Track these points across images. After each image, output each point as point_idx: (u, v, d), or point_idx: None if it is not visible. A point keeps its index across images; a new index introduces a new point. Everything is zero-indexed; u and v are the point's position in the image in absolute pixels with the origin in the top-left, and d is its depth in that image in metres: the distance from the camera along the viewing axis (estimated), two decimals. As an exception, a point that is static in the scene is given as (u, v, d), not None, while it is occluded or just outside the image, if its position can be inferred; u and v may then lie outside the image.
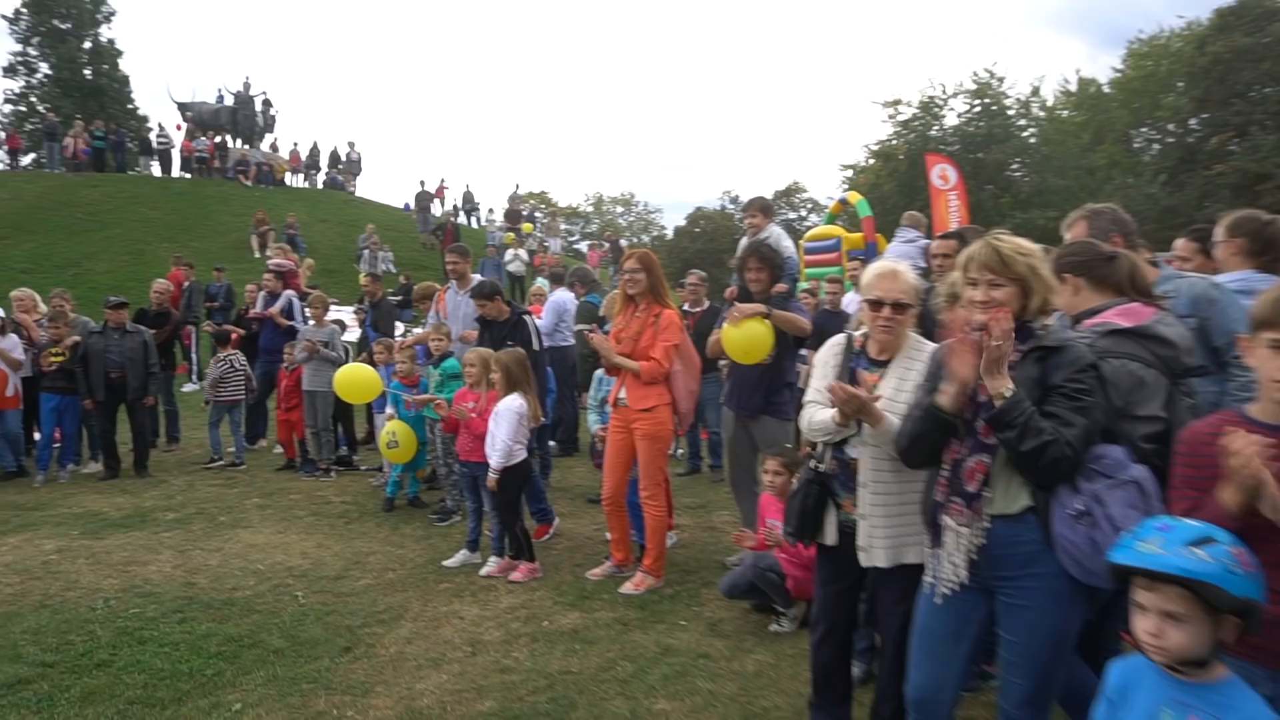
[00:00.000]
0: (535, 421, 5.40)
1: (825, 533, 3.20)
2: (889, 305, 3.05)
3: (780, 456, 4.69)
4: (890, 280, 3.10)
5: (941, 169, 19.57)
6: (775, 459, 4.68)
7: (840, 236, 16.94)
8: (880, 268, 3.17)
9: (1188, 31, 39.37)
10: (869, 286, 3.14)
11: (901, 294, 3.08)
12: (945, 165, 19.82)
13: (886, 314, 3.05)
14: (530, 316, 6.45)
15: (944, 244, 5.03)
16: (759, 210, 5.67)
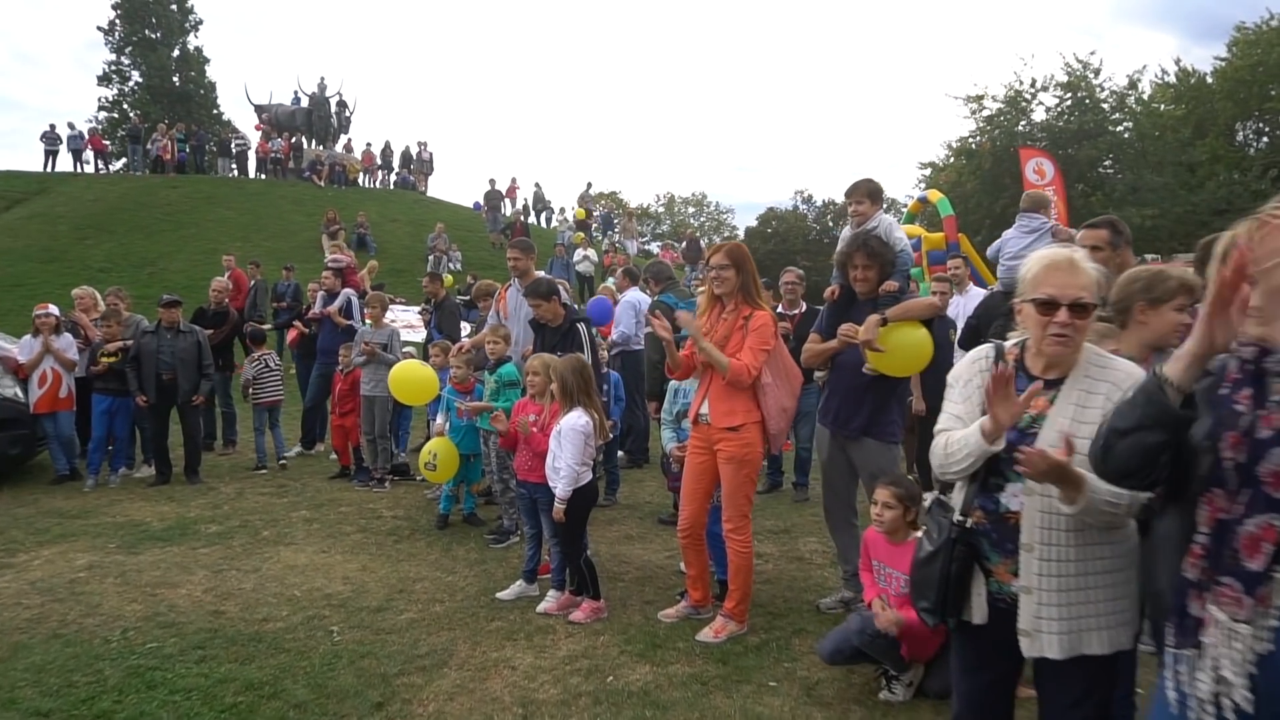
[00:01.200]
0: (604, 437, 4.72)
1: (972, 609, 2.42)
2: (1066, 307, 2.26)
3: (893, 486, 3.91)
4: (1067, 273, 2.31)
5: (1037, 163, 18.37)
6: (887, 488, 3.91)
7: (920, 236, 15.99)
8: (1051, 257, 2.37)
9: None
10: (1036, 281, 2.36)
11: (1083, 291, 2.29)
12: (1041, 159, 18.60)
13: (1062, 318, 2.27)
14: (585, 325, 5.77)
15: (1093, 234, 4.20)
16: (866, 195, 4.83)
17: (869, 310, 4.59)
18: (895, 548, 3.84)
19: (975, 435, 2.30)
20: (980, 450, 2.30)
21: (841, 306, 4.73)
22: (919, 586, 2.50)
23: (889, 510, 3.86)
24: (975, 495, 2.42)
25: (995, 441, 2.28)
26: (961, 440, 2.36)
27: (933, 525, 2.53)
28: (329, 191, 28.31)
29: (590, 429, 4.59)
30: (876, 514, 3.91)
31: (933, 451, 2.48)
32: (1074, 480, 2.12)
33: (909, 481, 3.89)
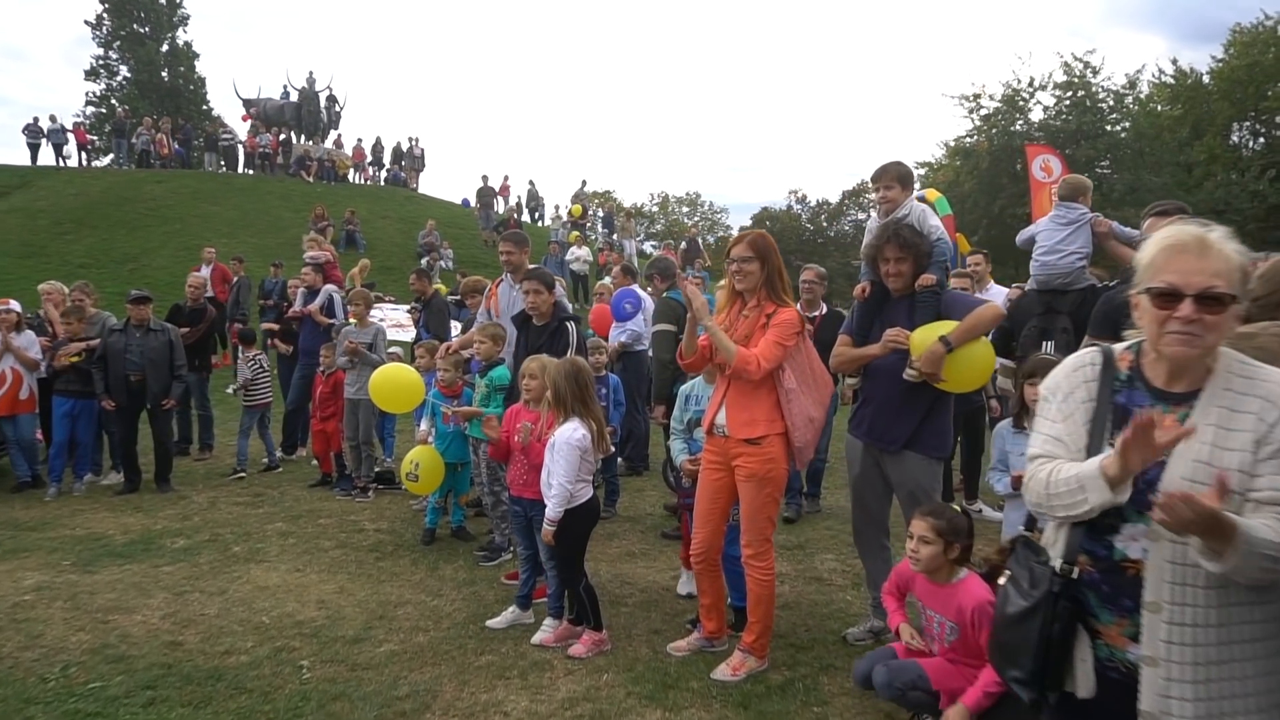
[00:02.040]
0: (604, 450, 4.23)
1: (1076, 679, 1.95)
2: (1191, 298, 1.79)
3: (931, 517, 3.35)
4: (1196, 255, 1.83)
5: (1044, 160, 17.87)
6: (925, 519, 3.35)
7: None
8: (1175, 236, 1.89)
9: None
10: (1155, 266, 1.88)
11: (1215, 279, 1.81)
12: (1048, 156, 18.09)
13: (1186, 312, 1.80)
14: (574, 324, 5.27)
15: (1164, 223, 3.75)
16: (896, 180, 4.24)
17: (905, 308, 4.12)
18: (938, 588, 3.34)
19: (1094, 477, 1.81)
20: (1100, 498, 1.82)
21: (873, 305, 4.26)
22: (1008, 651, 2.01)
23: (926, 546, 3.30)
24: (1082, 537, 1.94)
25: (1121, 491, 1.80)
26: (1074, 480, 1.87)
27: (1021, 572, 2.05)
28: (318, 188, 27.71)
29: (586, 442, 4.09)
30: (912, 549, 3.35)
31: (1029, 482, 2.00)
32: (1224, 530, 1.65)
33: (952, 512, 3.35)
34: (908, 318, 4.10)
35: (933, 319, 4.00)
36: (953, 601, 3.25)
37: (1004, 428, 3.75)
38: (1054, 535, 2.04)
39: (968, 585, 3.26)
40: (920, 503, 4.03)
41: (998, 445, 3.76)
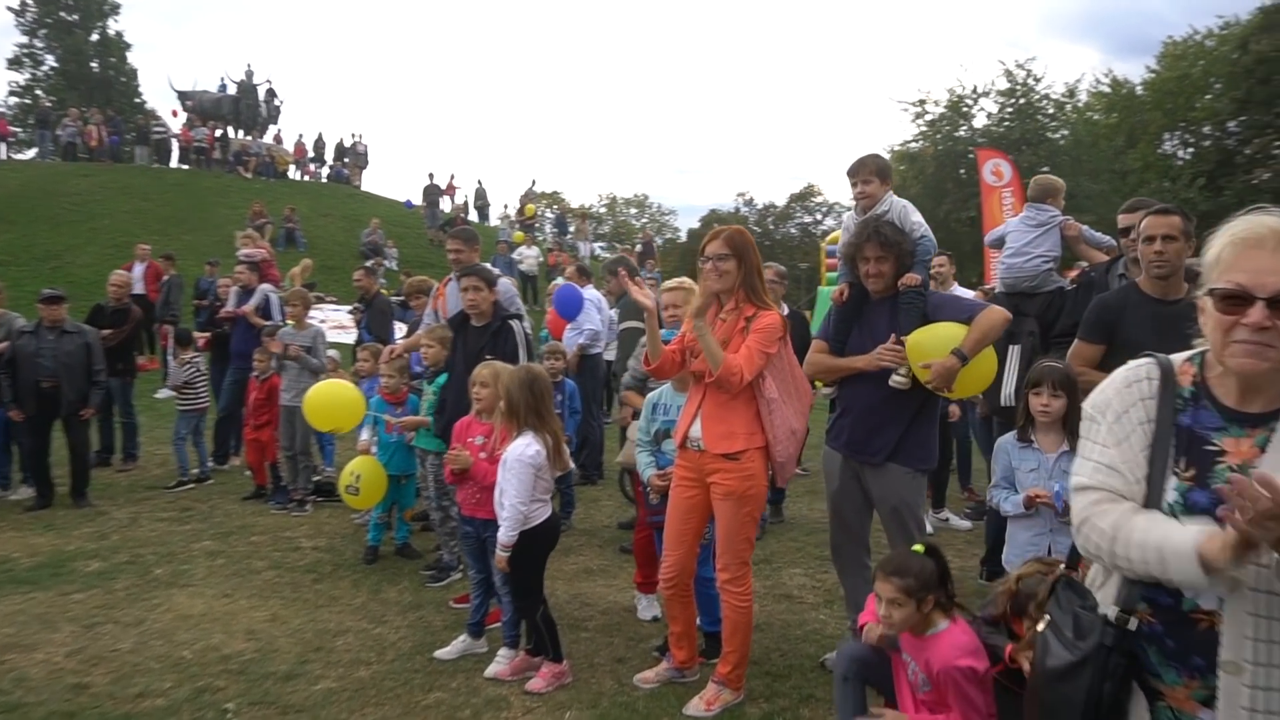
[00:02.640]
0: (563, 467, 3.88)
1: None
2: (1264, 301, 1.53)
3: (896, 576, 2.87)
4: (1272, 252, 1.57)
5: (995, 164, 18.06)
6: (889, 581, 2.87)
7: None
8: (1247, 230, 1.61)
9: (1225, 31, 37.81)
10: (1222, 264, 1.62)
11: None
12: (999, 160, 18.30)
13: (1257, 317, 1.53)
14: (519, 323, 4.92)
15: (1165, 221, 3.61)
16: (874, 173, 3.94)
17: (886, 310, 3.86)
18: (915, 638, 2.97)
19: (1184, 557, 1.49)
20: (1187, 581, 1.52)
21: (852, 308, 3.99)
22: (1050, 712, 1.73)
23: (898, 609, 2.87)
24: (1134, 585, 1.67)
25: (1221, 582, 1.49)
26: (1153, 550, 1.55)
27: (1063, 617, 1.77)
28: (257, 184, 26.73)
29: (541, 459, 3.73)
30: (884, 615, 2.90)
31: (1081, 524, 1.71)
32: None
33: (918, 562, 2.94)
34: (889, 321, 3.84)
35: (918, 321, 3.76)
36: (922, 655, 2.92)
37: (1008, 442, 3.51)
38: (1102, 576, 1.77)
39: (944, 640, 2.89)
40: (904, 519, 3.80)
41: (1001, 461, 3.51)
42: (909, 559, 2.93)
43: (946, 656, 2.83)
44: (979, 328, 3.59)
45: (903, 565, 2.91)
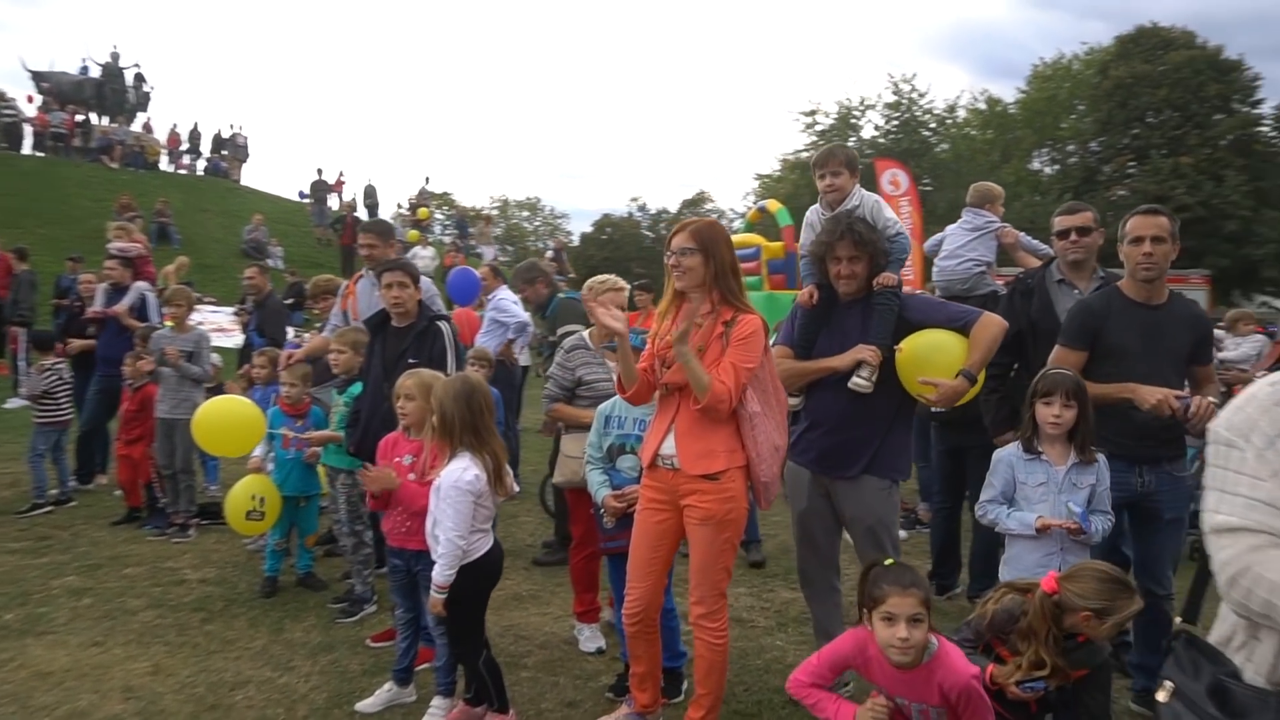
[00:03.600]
0: (505, 492, 3.41)
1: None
2: None
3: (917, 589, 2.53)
4: None
5: (892, 174, 18.30)
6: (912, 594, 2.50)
7: (760, 245, 15.74)
8: None
9: (1089, 56, 40.33)
10: None
11: None
12: (896, 170, 18.56)
13: None
14: (448, 325, 4.42)
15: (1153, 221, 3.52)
16: (843, 165, 3.65)
17: (857, 313, 3.59)
18: (906, 673, 2.60)
19: None
20: None
21: (821, 311, 3.69)
22: None
23: (918, 628, 2.48)
24: None
25: None
26: None
27: (1193, 687, 1.47)
28: (124, 174, 24.72)
29: (481, 485, 3.25)
30: (901, 638, 2.47)
31: (1237, 573, 1.41)
32: None
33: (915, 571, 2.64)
34: (861, 324, 3.57)
35: (892, 325, 3.50)
36: (932, 683, 2.57)
37: (1011, 454, 3.26)
38: (1244, 635, 1.48)
39: (950, 656, 2.59)
40: (880, 539, 3.52)
41: (1002, 474, 3.25)
42: (907, 568, 2.62)
43: (961, 672, 2.54)
44: (982, 344, 3.39)
45: (914, 575, 2.60)
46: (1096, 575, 2.70)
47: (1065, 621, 2.69)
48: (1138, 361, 3.40)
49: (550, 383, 4.31)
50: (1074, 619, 2.68)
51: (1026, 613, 2.71)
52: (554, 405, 4.24)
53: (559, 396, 4.23)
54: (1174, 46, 35.21)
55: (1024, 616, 2.71)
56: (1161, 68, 34.83)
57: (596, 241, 51.41)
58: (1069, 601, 2.66)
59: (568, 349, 4.26)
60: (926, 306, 3.56)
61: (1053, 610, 2.68)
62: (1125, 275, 3.58)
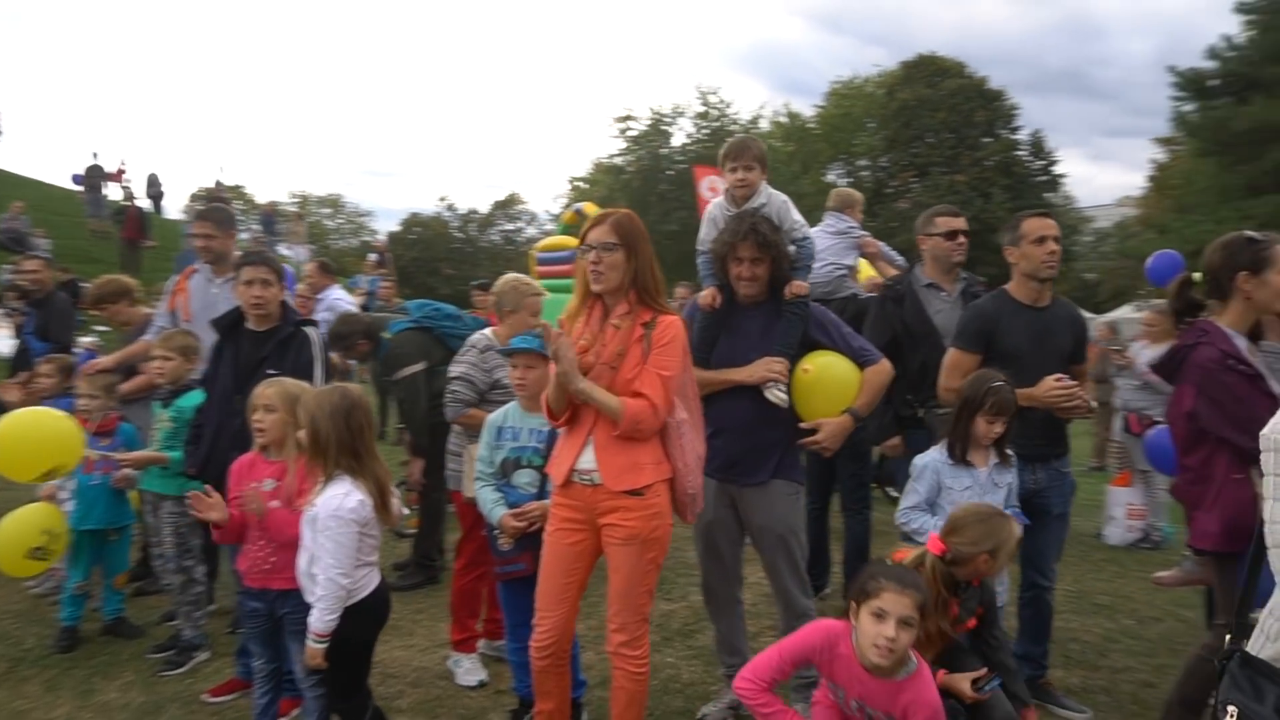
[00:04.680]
0: (392, 521, 2.98)
1: None
2: None
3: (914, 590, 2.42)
4: None
5: (711, 181, 18.71)
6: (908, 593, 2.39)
7: (576, 248, 15.68)
8: None
9: (880, 78, 43.60)
10: None
11: None
12: (714, 177, 19.04)
13: None
14: (317, 331, 3.90)
15: (1044, 224, 3.55)
16: (756, 160, 3.46)
17: (759, 319, 3.46)
18: (882, 682, 2.49)
19: None
20: None
21: (721, 314, 3.52)
22: None
23: (907, 631, 2.37)
24: None
25: None
26: None
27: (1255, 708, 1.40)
28: None
29: (366, 512, 2.81)
30: (889, 638, 2.34)
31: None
32: None
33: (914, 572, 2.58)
34: (764, 330, 3.44)
35: (798, 337, 3.41)
36: (898, 700, 2.49)
37: (936, 459, 3.22)
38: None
39: (920, 682, 2.50)
40: (790, 546, 3.43)
41: (928, 481, 3.20)
42: (910, 570, 2.51)
43: (931, 701, 2.45)
44: (873, 388, 3.42)
45: (915, 578, 2.48)
46: (976, 518, 2.76)
47: (962, 574, 2.74)
48: (1028, 363, 3.48)
49: (459, 385, 3.88)
50: (970, 567, 2.72)
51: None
52: (468, 410, 3.84)
53: (472, 401, 3.83)
54: (949, 74, 38.82)
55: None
56: (939, 93, 38.21)
57: (404, 241, 49.64)
58: (962, 553, 2.70)
59: (482, 349, 3.88)
60: (833, 329, 3.47)
61: (945, 572, 2.69)
62: (1017, 277, 3.68)
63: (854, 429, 3.43)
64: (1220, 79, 26.54)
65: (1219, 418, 2.96)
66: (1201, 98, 27.09)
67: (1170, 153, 36.87)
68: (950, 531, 2.75)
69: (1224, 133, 25.56)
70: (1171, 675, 3.96)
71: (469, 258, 56.53)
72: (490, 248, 58.80)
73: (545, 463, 3.28)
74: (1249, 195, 24.61)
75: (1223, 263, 3.09)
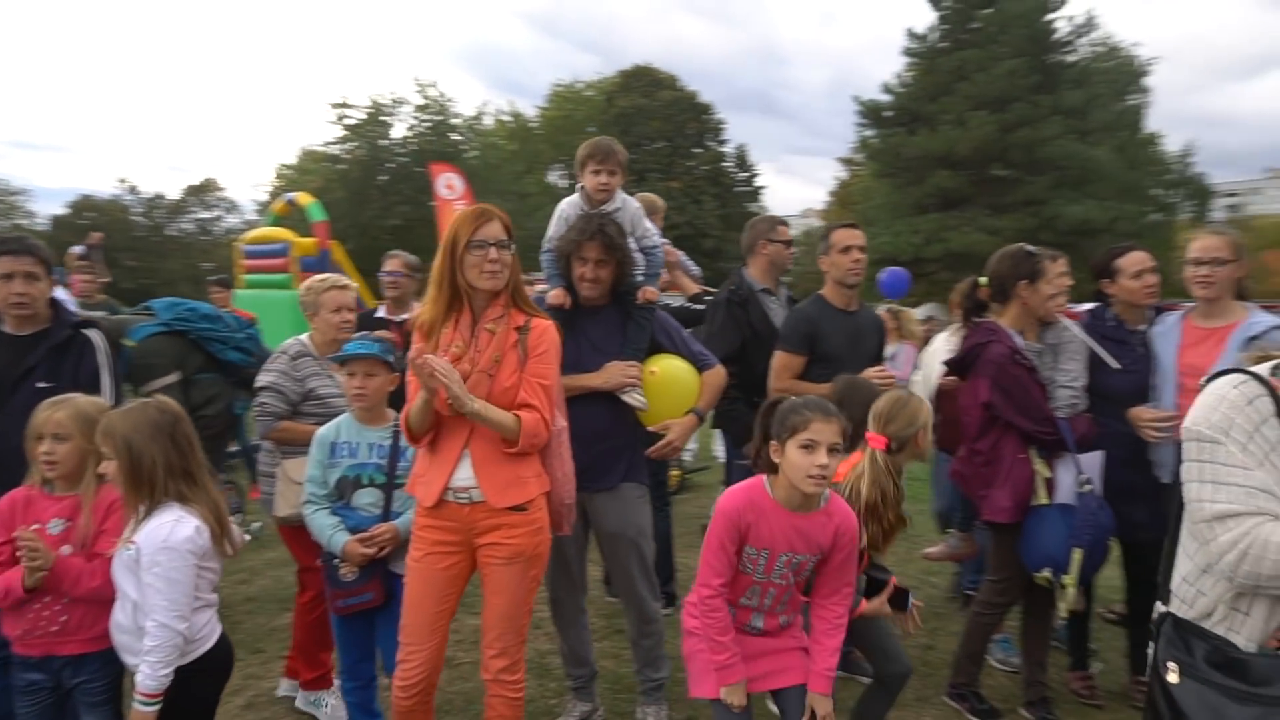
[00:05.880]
0: (229, 550, 2.55)
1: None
2: None
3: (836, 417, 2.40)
4: None
5: (448, 178, 18.36)
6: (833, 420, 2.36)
7: (289, 241, 14.87)
8: None
9: (600, 83, 44.95)
10: None
11: None
12: (451, 175, 18.66)
13: None
14: (99, 335, 3.24)
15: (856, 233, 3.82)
16: (619, 165, 3.43)
17: (604, 321, 3.42)
18: (804, 518, 2.45)
19: None
20: None
21: (567, 317, 3.42)
22: None
23: (835, 458, 2.36)
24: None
25: None
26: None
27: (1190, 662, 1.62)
28: None
29: (202, 540, 2.38)
30: (821, 465, 2.32)
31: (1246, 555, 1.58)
32: None
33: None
34: (610, 334, 3.41)
35: (647, 341, 3.42)
36: (829, 527, 2.48)
37: None
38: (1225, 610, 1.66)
39: (839, 504, 2.54)
40: (642, 550, 3.43)
41: None
42: (818, 399, 2.47)
43: (853, 517, 2.54)
44: (712, 390, 3.49)
45: (830, 404, 2.44)
46: (899, 404, 2.93)
47: (904, 459, 2.91)
48: (845, 364, 3.76)
49: (268, 397, 3.37)
50: (911, 449, 2.90)
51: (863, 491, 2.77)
52: (279, 424, 3.34)
53: (283, 413, 3.34)
54: (663, 86, 41.00)
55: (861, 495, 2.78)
56: (656, 103, 40.23)
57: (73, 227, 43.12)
58: (903, 435, 2.87)
59: (293, 355, 3.40)
60: (675, 334, 3.51)
61: (891, 462, 2.84)
62: (829, 284, 3.95)
63: (698, 426, 3.50)
64: (893, 111, 30.62)
65: (1010, 406, 3.41)
66: (879, 126, 31.08)
67: (851, 172, 41.88)
68: (884, 424, 2.87)
69: (897, 158, 29.55)
70: (943, 636, 4.53)
71: (155, 248, 50.33)
72: (182, 237, 52.90)
73: (388, 480, 3.00)
74: (918, 213, 28.74)
75: (1007, 271, 3.55)
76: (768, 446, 2.45)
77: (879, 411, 2.92)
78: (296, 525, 3.17)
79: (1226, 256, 3.39)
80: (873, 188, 33.13)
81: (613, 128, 40.78)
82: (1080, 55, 30.03)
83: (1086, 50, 30.48)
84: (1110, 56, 32.25)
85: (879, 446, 2.84)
